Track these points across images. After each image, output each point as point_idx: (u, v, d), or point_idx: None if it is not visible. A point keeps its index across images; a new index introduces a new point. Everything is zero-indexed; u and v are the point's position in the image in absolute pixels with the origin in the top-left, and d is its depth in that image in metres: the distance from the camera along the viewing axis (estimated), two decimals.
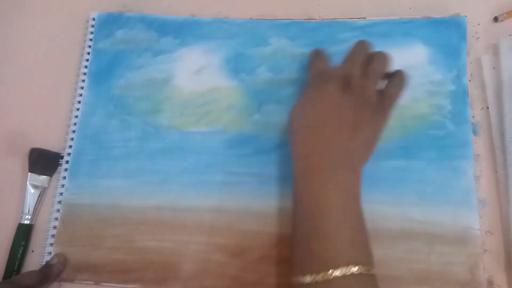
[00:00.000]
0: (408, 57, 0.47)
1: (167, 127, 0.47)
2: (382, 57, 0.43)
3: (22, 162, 0.47)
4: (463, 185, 0.43)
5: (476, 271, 0.40)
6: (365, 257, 0.34)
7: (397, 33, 0.48)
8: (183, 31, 0.51)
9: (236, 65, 0.49)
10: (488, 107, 0.45)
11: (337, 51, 0.47)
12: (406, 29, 0.48)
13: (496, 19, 0.48)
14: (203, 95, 0.48)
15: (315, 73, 0.44)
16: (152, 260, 0.43)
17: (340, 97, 0.39)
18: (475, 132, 0.44)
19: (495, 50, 0.47)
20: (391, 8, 0.49)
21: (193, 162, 0.46)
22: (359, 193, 0.37)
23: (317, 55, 0.46)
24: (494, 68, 0.46)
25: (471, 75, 0.46)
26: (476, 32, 0.48)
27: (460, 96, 0.45)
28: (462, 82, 0.46)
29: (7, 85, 0.51)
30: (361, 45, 0.44)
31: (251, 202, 0.44)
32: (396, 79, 0.42)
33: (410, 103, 0.45)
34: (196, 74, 0.49)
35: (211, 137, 0.47)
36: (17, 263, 0.44)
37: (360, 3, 0.50)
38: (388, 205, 0.43)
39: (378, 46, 0.47)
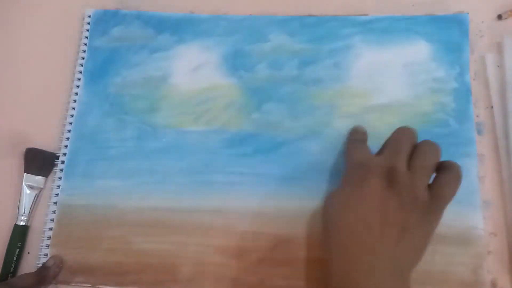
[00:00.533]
0: (410, 53, 0.46)
1: (164, 126, 0.47)
2: (431, 148, 0.37)
3: (17, 162, 0.47)
4: (466, 184, 0.42)
5: (480, 272, 0.40)
6: None
7: (399, 30, 0.47)
8: (180, 28, 0.50)
9: (235, 62, 0.48)
10: (492, 106, 0.44)
11: (338, 47, 0.47)
12: (408, 25, 0.47)
13: (500, 17, 0.47)
14: (201, 93, 0.48)
15: (354, 162, 0.38)
16: (149, 262, 0.42)
17: (384, 195, 0.34)
18: (479, 132, 0.44)
19: (499, 48, 0.46)
20: (393, 5, 0.49)
21: (191, 162, 0.45)
22: None
23: (356, 136, 0.42)
24: (498, 66, 0.45)
25: (475, 73, 0.46)
26: (480, 30, 0.47)
27: (463, 94, 0.45)
28: (465, 79, 0.45)
29: (1, 83, 0.50)
30: (405, 132, 0.38)
31: (250, 202, 0.43)
32: (450, 174, 0.36)
33: (413, 100, 0.45)
34: (194, 71, 0.48)
35: (209, 136, 0.46)
36: (13, 265, 0.43)
37: (362, 0, 0.49)
38: None
39: (380, 42, 0.47)
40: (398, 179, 0.34)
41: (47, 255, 0.43)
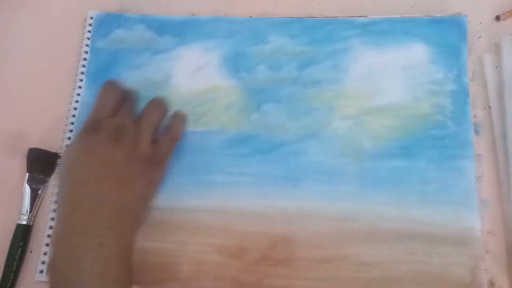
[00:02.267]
0: (408, 56, 0.47)
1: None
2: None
3: (20, 162, 0.47)
4: (464, 185, 0.42)
5: (477, 272, 0.40)
6: None
7: (398, 32, 0.48)
8: (181, 30, 0.50)
9: (235, 64, 0.49)
10: (490, 107, 0.45)
11: (338, 49, 0.48)
12: (407, 27, 0.48)
13: (498, 18, 0.48)
14: (201, 94, 0.48)
15: (91, 118, 0.41)
16: (149, 261, 0.43)
17: (111, 150, 0.38)
18: (477, 132, 0.44)
19: (497, 49, 0.46)
20: (392, 7, 0.49)
21: (191, 162, 0.45)
22: (129, 259, 0.38)
23: (112, 89, 0.43)
24: (496, 67, 0.46)
25: (472, 74, 0.46)
26: (478, 31, 0.47)
27: (461, 96, 0.45)
28: (463, 81, 0.45)
29: (5, 84, 0.51)
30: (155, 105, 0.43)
31: (250, 202, 0.44)
32: (169, 134, 0.43)
33: (411, 102, 0.45)
34: (194, 73, 0.49)
35: (209, 137, 0.46)
36: (15, 264, 0.43)
37: (361, 2, 0.50)
38: (388, 205, 0.42)
39: (378, 44, 0.47)
40: (124, 134, 0.39)
41: (46, 253, 0.44)
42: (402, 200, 0.42)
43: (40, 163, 0.47)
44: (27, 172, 0.46)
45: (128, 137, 0.39)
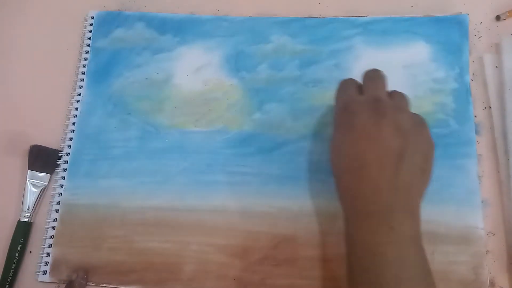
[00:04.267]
0: (410, 54, 0.47)
1: (167, 127, 0.47)
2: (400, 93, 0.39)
3: (21, 160, 0.47)
4: (466, 184, 0.42)
5: (480, 271, 0.40)
6: None
7: (399, 31, 0.48)
8: (182, 29, 0.50)
9: (237, 63, 0.48)
10: (490, 107, 0.45)
11: (339, 48, 0.48)
12: (407, 26, 0.48)
13: (498, 17, 0.48)
14: (203, 94, 0.48)
15: (340, 107, 0.38)
16: (152, 261, 0.43)
17: (373, 127, 0.34)
18: (477, 132, 0.44)
19: (497, 49, 0.46)
20: (392, 7, 0.49)
21: (193, 162, 0.46)
22: (419, 235, 0.34)
23: (345, 86, 0.40)
24: (496, 67, 0.46)
25: (473, 74, 0.46)
26: (478, 31, 0.47)
27: (463, 94, 0.45)
28: (465, 80, 0.45)
29: (6, 84, 0.51)
30: (375, 72, 0.39)
31: (252, 202, 0.44)
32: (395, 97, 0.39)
33: (413, 101, 0.44)
34: (196, 72, 0.49)
35: (211, 137, 0.46)
36: (15, 261, 0.44)
37: (361, 2, 0.50)
38: None
39: (380, 43, 0.47)
40: (383, 107, 0.35)
41: (49, 254, 0.44)
42: None
43: (42, 160, 0.47)
44: (29, 169, 0.46)
45: (390, 109, 0.35)
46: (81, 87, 0.49)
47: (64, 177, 0.46)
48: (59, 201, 0.45)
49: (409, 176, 0.34)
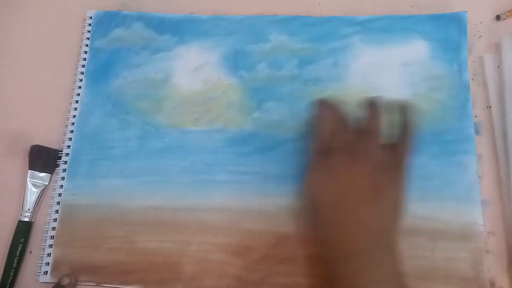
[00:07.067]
0: (408, 52, 0.47)
1: (167, 126, 0.47)
2: (373, 111, 0.40)
3: (21, 160, 0.47)
4: (466, 180, 0.42)
5: (480, 267, 0.40)
6: None
7: (397, 29, 0.48)
8: (181, 28, 0.50)
9: (236, 62, 0.48)
10: (490, 106, 0.45)
11: (337, 46, 0.48)
12: (406, 24, 0.48)
13: (498, 17, 0.48)
14: (202, 93, 0.48)
15: (318, 146, 0.39)
16: (153, 260, 0.43)
17: (348, 170, 0.36)
18: (477, 132, 0.44)
19: (497, 49, 0.46)
20: (391, 7, 0.49)
21: (193, 161, 0.46)
22: (402, 270, 0.34)
23: (324, 118, 0.40)
24: (498, 67, 0.45)
25: (473, 74, 0.46)
26: (478, 31, 0.47)
27: (461, 91, 0.45)
28: (463, 77, 0.45)
29: (5, 84, 0.51)
30: (374, 106, 0.40)
31: (252, 201, 0.44)
32: (403, 128, 0.40)
33: (412, 98, 0.45)
34: (195, 72, 0.49)
35: (211, 136, 0.46)
36: (15, 261, 0.44)
37: (361, 2, 0.50)
38: None
39: (378, 41, 0.47)
40: (356, 150, 0.36)
41: (50, 254, 0.44)
42: None
43: (42, 160, 0.47)
44: (29, 169, 0.46)
45: (362, 150, 0.37)
46: (80, 87, 0.49)
47: (64, 177, 0.46)
48: (59, 202, 0.45)
49: (385, 215, 0.35)
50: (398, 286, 0.34)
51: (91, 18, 0.51)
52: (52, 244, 0.44)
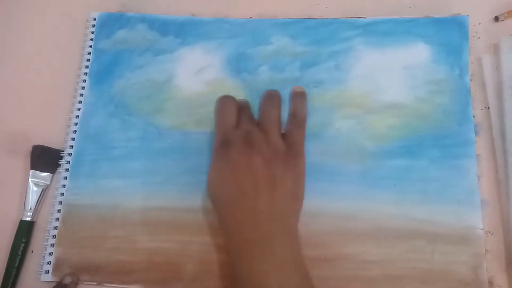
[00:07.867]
0: (410, 55, 0.47)
1: (169, 128, 0.47)
2: (269, 103, 0.42)
3: (23, 160, 0.47)
4: (466, 184, 0.43)
5: (480, 271, 0.40)
6: None
7: (399, 32, 0.48)
8: (184, 30, 0.50)
9: (238, 65, 0.49)
10: (488, 107, 0.45)
11: (339, 49, 0.48)
12: (408, 27, 0.48)
13: (496, 18, 0.48)
14: (204, 95, 0.48)
15: (218, 139, 0.41)
16: (154, 261, 0.43)
17: (246, 158, 0.38)
18: (476, 132, 0.44)
19: (495, 50, 0.47)
20: (391, 8, 0.49)
21: (194, 163, 0.46)
22: (300, 257, 0.36)
23: (223, 112, 0.42)
24: (496, 68, 0.46)
25: (471, 74, 0.46)
26: (476, 32, 0.48)
27: (462, 95, 0.45)
28: (465, 81, 0.46)
29: (9, 85, 0.51)
30: (243, 103, 0.44)
31: None
32: (295, 118, 0.42)
33: (413, 102, 0.45)
34: (197, 74, 0.49)
35: (212, 137, 0.46)
36: (18, 260, 0.44)
37: (361, 3, 0.50)
38: (390, 204, 0.43)
39: (380, 44, 0.48)
40: (254, 139, 0.39)
41: (52, 254, 0.44)
42: (404, 198, 0.43)
43: (44, 160, 0.47)
44: (31, 169, 0.46)
45: (259, 140, 0.39)
46: (83, 87, 0.49)
47: (66, 177, 0.46)
48: (61, 201, 0.46)
49: (283, 202, 0.37)
50: (297, 271, 0.35)
51: (95, 19, 0.52)
52: (54, 244, 0.44)
